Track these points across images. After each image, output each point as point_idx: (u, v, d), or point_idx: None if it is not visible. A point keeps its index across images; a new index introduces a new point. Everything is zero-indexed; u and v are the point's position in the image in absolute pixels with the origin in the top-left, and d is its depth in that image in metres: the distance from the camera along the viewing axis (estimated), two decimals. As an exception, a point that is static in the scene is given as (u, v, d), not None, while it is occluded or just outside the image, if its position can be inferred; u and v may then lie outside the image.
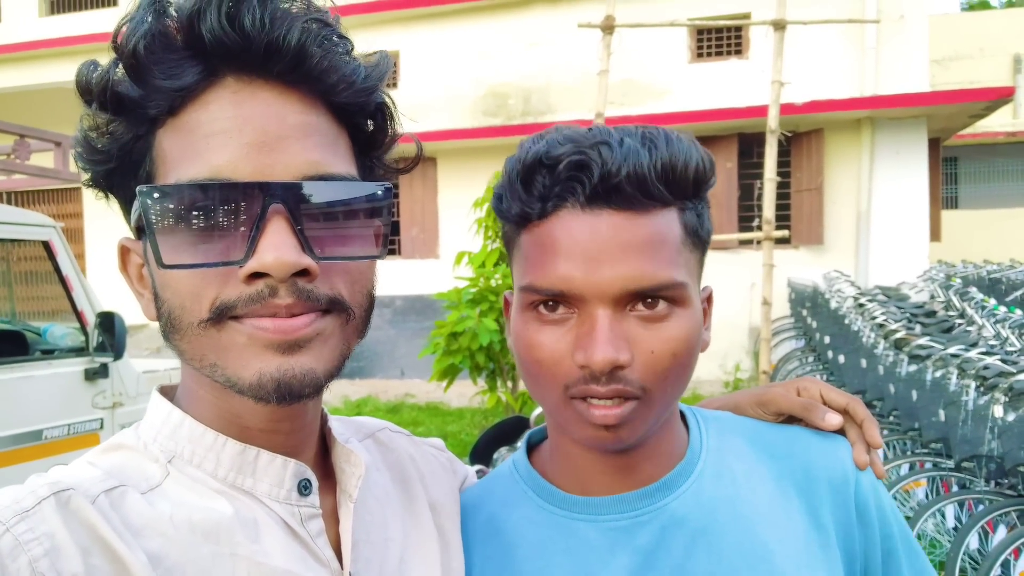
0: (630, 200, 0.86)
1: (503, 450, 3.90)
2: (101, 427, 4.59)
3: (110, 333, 4.44)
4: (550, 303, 0.89)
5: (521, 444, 1.10)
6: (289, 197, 0.73)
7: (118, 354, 4.50)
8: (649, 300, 0.87)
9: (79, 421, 4.45)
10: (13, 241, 4.68)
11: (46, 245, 4.49)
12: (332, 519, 0.87)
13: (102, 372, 4.59)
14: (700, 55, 12.49)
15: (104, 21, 14.30)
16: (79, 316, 4.60)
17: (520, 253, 0.94)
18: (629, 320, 0.87)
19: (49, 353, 4.58)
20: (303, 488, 0.84)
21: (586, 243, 0.86)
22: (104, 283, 8.48)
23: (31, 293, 6.69)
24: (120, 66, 0.73)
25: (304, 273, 0.74)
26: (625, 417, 0.87)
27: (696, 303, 0.91)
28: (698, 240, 0.92)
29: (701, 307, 0.94)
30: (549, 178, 0.88)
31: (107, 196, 0.82)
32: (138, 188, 0.73)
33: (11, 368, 4.18)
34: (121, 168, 0.78)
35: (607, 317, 0.85)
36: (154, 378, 5.02)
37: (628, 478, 0.97)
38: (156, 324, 0.80)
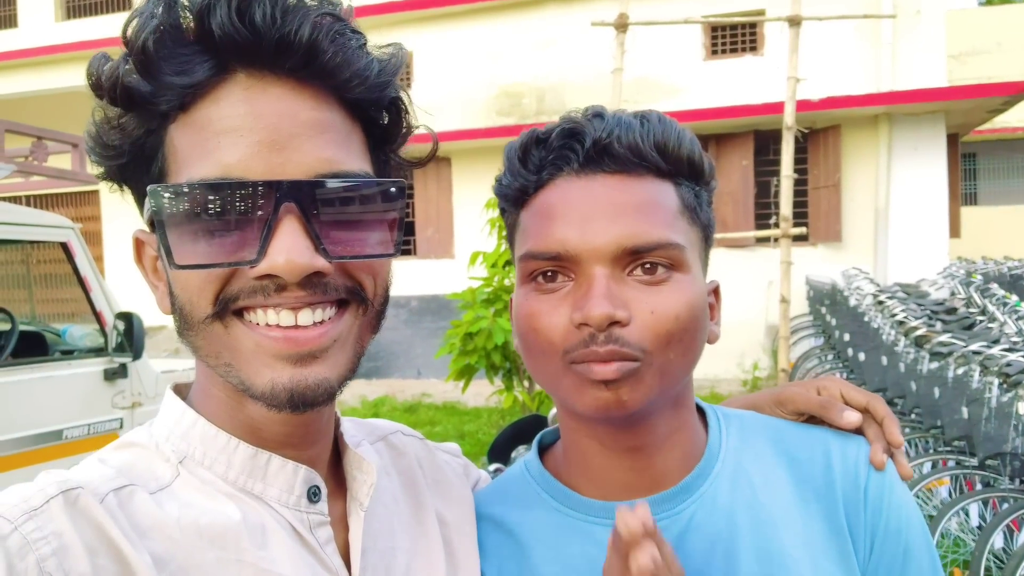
0: (623, 163, 0.88)
1: (521, 448, 3.89)
2: (121, 427, 4.62)
3: (129, 333, 4.47)
4: (548, 272, 0.89)
5: (532, 447, 1.08)
6: (302, 196, 0.72)
7: (137, 354, 4.53)
8: (648, 265, 0.87)
9: (99, 421, 4.48)
10: (32, 243, 4.72)
11: (64, 246, 4.52)
12: (340, 525, 0.86)
13: (121, 372, 4.62)
14: (715, 52, 12.43)
15: (118, 26, 14.39)
16: (98, 317, 4.64)
17: (520, 229, 0.95)
18: (627, 283, 0.87)
19: (69, 354, 4.62)
20: (312, 495, 0.83)
21: (581, 205, 0.87)
22: (123, 284, 8.53)
23: (50, 295, 6.74)
24: (130, 61, 0.72)
25: (317, 272, 0.73)
26: (625, 372, 0.85)
27: (696, 271, 0.91)
28: (696, 219, 0.92)
29: (704, 285, 0.94)
30: (544, 150, 0.91)
31: (121, 188, 0.82)
32: (149, 188, 0.72)
33: (32, 369, 4.21)
34: (133, 162, 0.77)
35: (604, 276, 0.85)
36: (173, 378, 5.04)
37: (644, 478, 0.95)
38: (174, 326, 0.80)
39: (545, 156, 0.92)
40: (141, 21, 0.72)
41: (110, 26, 14.67)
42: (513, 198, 0.96)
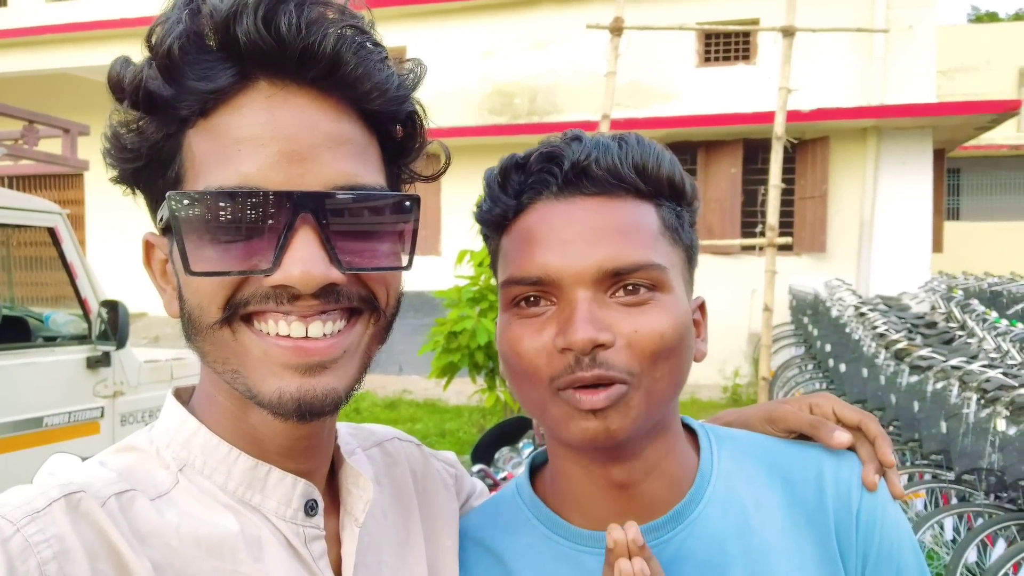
0: (602, 185, 0.88)
1: (504, 450, 3.90)
2: (102, 416, 4.57)
3: (113, 322, 4.43)
4: (531, 297, 0.89)
5: (524, 469, 1.08)
6: (318, 207, 0.72)
7: (121, 343, 4.49)
8: (630, 287, 0.86)
9: (80, 409, 4.44)
10: (19, 227, 4.67)
11: (52, 232, 4.48)
12: (333, 540, 0.87)
13: (104, 360, 4.58)
14: (708, 59, 12.48)
15: (109, 8, 14.25)
16: (82, 304, 4.59)
17: (501, 255, 0.95)
18: (610, 306, 0.86)
19: (51, 340, 4.58)
20: (309, 508, 0.83)
21: (561, 229, 0.87)
22: (105, 270, 8.46)
23: (33, 279, 6.68)
24: (153, 65, 0.73)
25: (331, 282, 0.74)
26: (613, 399, 0.84)
27: (680, 292, 0.91)
28: (679, 239, 0.92)
29: (689, 308, 0.93)
30: (523, 174, 0.91)
31: (133, 192, 0.82)
32: (167, 193, 0.72)
33: (13, 354, 4.17)
34: (149, 167, 0.77)
35: (586, 300, 0.85)
36: (156, 368, 5.01)
37: (632, 507, 0.94)
38: (155, 313, 0.80)
39: (524, 180, 0.92)
40: (167, 27, 0.72)
41: (100, 9, 14.51)
42: (494, 224, 0.96)
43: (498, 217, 0.94)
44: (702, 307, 0.98)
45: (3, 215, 4.22)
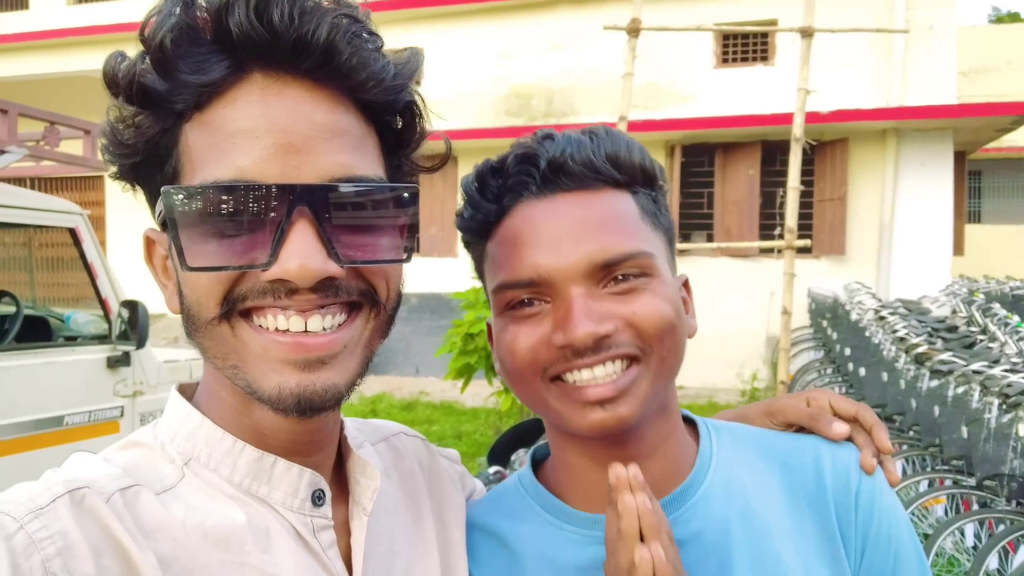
0: (580, 179, 0.90)
1: (521, 452, 3.89)
2: (121, 415, 4.61)
3: (133, 322, 4.47)
4: (524, 300, 0.90)
5: (526, 460, 1.09)
6: (315, 200, 0.72)
7: (140, 343, 4.52)
8: (620, 277, 0.88)
9: (100, 408, 4.47)
10: (40, 227, 4.71)
11: (72, 232, 4.51)
12: (342, 530, 0.87)
13: (124, 360, 4.61)
14: (726, 60, 12.42)
15: (130, 11, 14.38)
16: (103, 304, 4.62)
17: (489, 261, 0.96)
18: (604, 297, 0.88)
19: (72, 340, 4.61)
20: (317, 498, 0.83)
21: (546, 228, 0.89)
22: (125, 271, 8.53)
23: (55, 279, 6.73)
24: (147, 59, 0.72)
25: (329, 276, 0.73)
26: (621, 389, 0.86)
27: (667, 276, 0.93)
28: (658, 223, 0.94)
29: (677, 288, 0.95)
30: (501, 177, 0.93)
31: (133, 187, 0.82)
32: (163, 188, 0.72)
33: (35, 354, 4.21)
34: (147, 162, 0.77)
35: (581, 295, 0.87)
36: (175, 368, 5.04)
37: None
38: (175, 315, 0.80)
39: (503, 184, 0.93)
40: (159, 20, 0.72)
41: (121, 12, 14.63)
42: (477, 230, 0.97)
43: (481, 223, 0.96)
44: (686, 284, 1.01)
45: (25, 216, 4.27)
